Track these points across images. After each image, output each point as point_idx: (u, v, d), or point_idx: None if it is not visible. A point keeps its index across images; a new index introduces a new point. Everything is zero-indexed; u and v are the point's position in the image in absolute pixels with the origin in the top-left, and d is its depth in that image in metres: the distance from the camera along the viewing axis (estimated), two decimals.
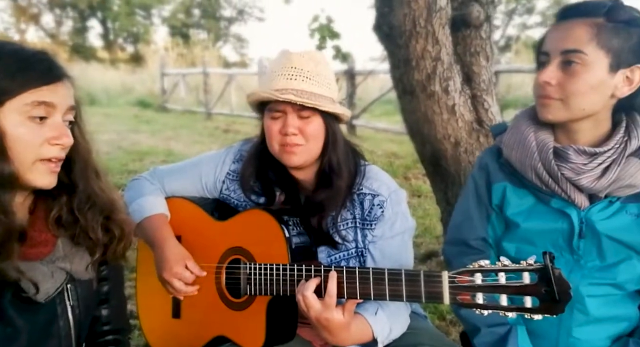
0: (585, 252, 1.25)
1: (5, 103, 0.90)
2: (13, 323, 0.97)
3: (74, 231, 1.05)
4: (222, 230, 1.43)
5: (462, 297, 1.09)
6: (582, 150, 1.20)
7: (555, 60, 1.18)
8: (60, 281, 1.02)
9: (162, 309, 1.51)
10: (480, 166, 1.40)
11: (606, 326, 1.28)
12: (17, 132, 0.91)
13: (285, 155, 1.36)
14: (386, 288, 1.16)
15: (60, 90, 0.96)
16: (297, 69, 1.33)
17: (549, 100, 1.20)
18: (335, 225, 1.40)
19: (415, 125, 2.21)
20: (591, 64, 1.14)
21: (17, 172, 0.92)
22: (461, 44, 2.13)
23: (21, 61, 0.93)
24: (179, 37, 23.07)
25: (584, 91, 1.16)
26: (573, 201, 1.23)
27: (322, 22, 3.26)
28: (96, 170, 1.08)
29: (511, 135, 1.30)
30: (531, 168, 1.24)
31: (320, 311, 1.18)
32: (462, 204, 1.44)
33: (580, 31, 1.14)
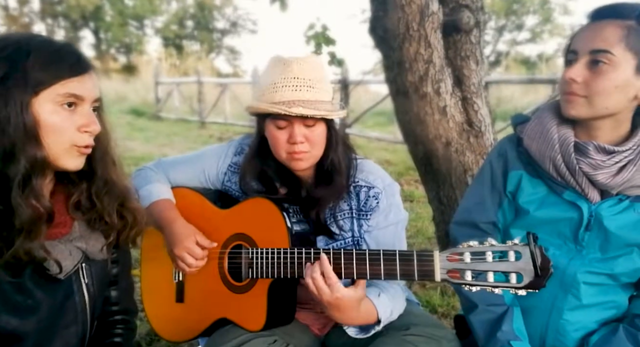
0: (589, 244, 1.31)
1: (40, 93, 0.95)
2: (33, 296, 1.03)
3: (91, 215, 1.10)
4: (225, 217, 1.49)
5: (452, 274, 1.16)
6: (602, 147, 1.24)
7: (584, 58, 1.21)
8: (77, 259, 1.08)
9: (165, 294, 1.57)
10: (500, 153, 1.43)
11: (596, 311, 1.34)
12: (51, 120, 0.97)
13: (293, 162, 1.41)
14: (381, 268, 1.22)
15: (88, 81, 1.02)
16: (299, 79, 1.37)
17: (573, 96, 1.23)
18: (333, 216, 1.47)
19: (408, 126, 2.30)
20: (618, 65, 1.17)
21: (49, 158, 0.98)
22: (452, 48, 2.22)
23: (52, 53, 0.98)
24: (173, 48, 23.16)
25: (609, 91, 1.19)
26: (586, 195, 1.28)
27: (318, 30, 3.35)
28: (113, 159, 1.14)
29: (534, 126, 1.33)
30: (550, 159, 1.28)
31: (329, 293, 1.23)
32: (475, 187, 1.48)
33: (610, 32, 1.17)
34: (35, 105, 0.95)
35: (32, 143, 0.95)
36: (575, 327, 1.34)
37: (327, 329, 1.59)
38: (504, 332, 1.31)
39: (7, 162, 0.94)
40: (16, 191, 0.94)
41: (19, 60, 0.94)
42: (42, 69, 0.95)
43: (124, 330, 1.27)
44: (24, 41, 0.97)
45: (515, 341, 1.30)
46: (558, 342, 1.36)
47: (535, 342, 1.35)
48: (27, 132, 0.94)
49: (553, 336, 1.36)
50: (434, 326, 1.45)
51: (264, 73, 1.44)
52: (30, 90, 0.94)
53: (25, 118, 0.94)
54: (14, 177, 0.94)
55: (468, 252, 1.14)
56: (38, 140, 0.96)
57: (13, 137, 0.93)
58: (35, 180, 0.96)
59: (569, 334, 1.35)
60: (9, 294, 0.99)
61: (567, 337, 1.35)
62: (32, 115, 0.95)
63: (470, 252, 1.14)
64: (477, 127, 2.28)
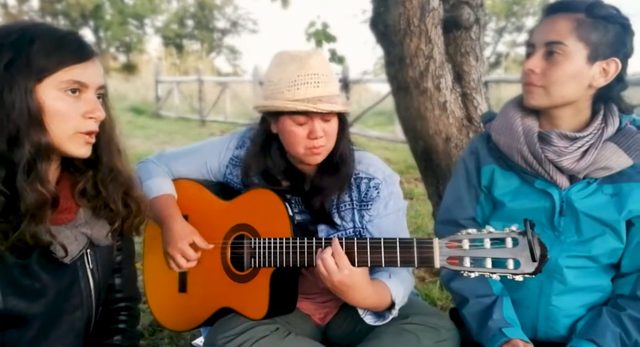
0: (565, 229, 1.35)
1: (44, 80, 0.97)
2: (40, 280, 1.05)
3: (96, 202, 1.12)
4: (227, 208, 1.51)
5: (451, 261, 1.18)
6: (564, 134, 1.30)
7: (540, 50, 1.28)
8: (82, 244, 1.10)
9: (168, 284, 1.58)
10: (471, 150, 1.49)
11: (582, 296, 1.38)
12: (56, 106, 0.98)
13: (311, 157, 1.43)
14: (382, 255, 1.25)
15: (92, 68, 1.03)
16: (318, 75, 1.38)
17: (532, 87, 1.30)
18: (336, 206, 1.49)
19: (409, 121, 2.32)
20: (571, 55, 1.25)
21: (54, 143, 1.00)
22: (452, 44, 2.24)
23: (56, 40, 0.99)
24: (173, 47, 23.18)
25: (564, 80, 1.26)
26: (555, 182, 1.33)
27: (319, 28, 3.38)
28: (118, 147, 1.15)
29: (500, 121, 1.40)
30: (517, 151, 1.34)
31: (337, 271, 1.25)
32: (452, 186, 1.54)
33: (562, 25, 1.25)
34: (39, 92, 0.97)
35: (36, 128, 0.97)
36: (564, 313, 1.38)
37: (327, 319, 1.61)
38: (495, 321, 1.34)
39: (12, 147, 0.95)
40: (21, 175, 0.96)
41: (23, 47, 0.96)
42: (46, 56, 0.97)
43: (128, 317, 1.29)
44: (28, 29, 0.99)
45: (506, 328, 1.33)
46: (549, 329, 1.39)
47: (528, 331, 1.37)
48: (31, 117, 0.96)
49: (544, 323, 1.39)
50: (433, 315, 1.47)
51: (274, 70, 1.44)
52: (34, 77, 0.96)
53: (29, 104, 0.95)
54: (19, 162, 0.95)
55: (467, 239, 1.17)
56: (42, 125, 0.97)
57: (18, 122, 0.95)
58: (40, 165, 0.98)
59: (559, 320, 1.38)
60: (17, 277, 1.01)
61: (558, 323, 1.38)
62: (36, 101, 0.96)
63: (468, 239, 1.17)
64: (477, 122, 2.30)
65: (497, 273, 1.14)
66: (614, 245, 1.34)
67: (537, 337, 1.39)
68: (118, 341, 1.24)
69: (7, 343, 1.03)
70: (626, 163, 1.30)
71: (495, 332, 1.33)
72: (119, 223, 1.15)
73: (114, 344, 1.23)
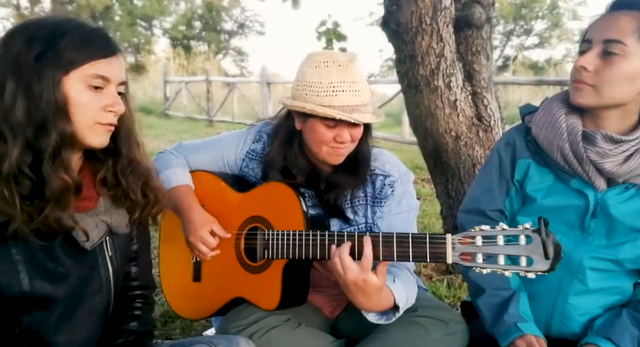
0: (595, 231, 1.33)
1: (70, 72, 1.00)
2: (64, 264, 1.08)
3: (116, 192, 1.15)
4: (242, 200, 1.53)
5: (463, 257, 1.18)
6: (610, 136, 1.25)
7: (597, 48, 1.23)
8: (102, 232, 1.13)
9: (183, 273, 1.61)
10: (508, 142, 1.45)
11: (600, 296, 1.37)
12: (80, 98, 1.02)
13: (333, 158, 1.45)
14: (394, 250, 1.25)
15: (115, 63, 1.07)
16: (356, 83, 1.40)
17: (582, 84, 1.25)
18: (350, 201, 1.51)
19: (418, 119, 2.33)
20: (630, 56, 1.19)
21: (77, 133, 1.03)
22: (463, 43, 2.26)
23: (84, 35, 1.03)
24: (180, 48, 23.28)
25: (618, 80, 1.21)
26: (592, 183, 1.30)
27: (329, 27, 3.40)
28: (137, 140, 1.18)
29: (543, 115, 1.35)
30: (558, 148, 1.30)
31: (358, 273, 1.23)
32: (483, 176, 1.50)
33: (625, 23, 1.19)
34: (65, 83, 1.00)
35: (62, 118, 1.00)
36: (580, 312, 1.37)
37: (337, 312, 1.63)
38: (511, 315, 1.33)
39: (40, 134, 0.99)
40: (47, 162, 0.99)
41: (54, 40, 0.99)
42: (74, 50, 1.01)
43: (143, 304, 1.32)
44: (59, 23, 1.03)
45: (521, 323, 1.32)
46: (563, 327, 1.39)
47: (541, 327, 1.37)
48: (57, 107, 0.99)
49: (559, 320, 1.39)
50: (442, 309, 1.48)
51: (310, 71, 1.43)
52: (62, 69, 1.00)
53: (56, 95, 0.99)
54: (46, 149, 0.99)
55: (479, 236, 1.16)
56: (67, 116, 1.01)
57: (45, 111, 0.98)
58: (64, 153, 1.02)
59: (574, 319, 1.37)
60: (43, 261, 1.05)
61: (572, 321, 1.38)
62: (63, 92, 1.00)
63: (481, 235, 1.16)
64: (487, 121, 2.32)
65: (509, 270, 1.14)
66: None
67: (550, 334, 1.39)
68: (134, 327, 1.27)
69: (33, 324, 1.06)
70: None
71: (510, 327, 1.32)
72: (139, 212, 1.18)
73: (130, 329, 1.26)
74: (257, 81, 11.44)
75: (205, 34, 27.45)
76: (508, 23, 21.09)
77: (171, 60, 17.65)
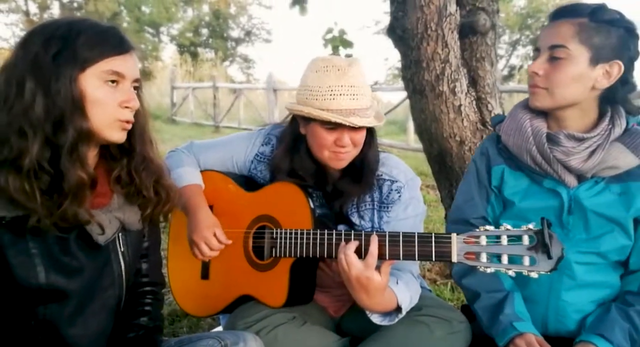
0: (574, 227, 1.39)
1: (87, 70, 1.04)
2: (78, 259, 1.12)
3: (130, 189, 1.19)
4: (251, 199, 1.56)
5: (467, 256, 1.21)
6: (572, 135, 1.34)
7: (544, 54, 1.33)
8: (116, 228, 1.17)
9: (191, 271, 1.64)
10: (482, 152, 1.53)
11: (591, 291, 1.41)
12: (96, 94, 1.06)
13: (335, 162, 1.48)
14: (400, 248, 1.28)
15: (130, 60, 1.11)
16: (355, 88, 1.41)
17: (536, 89, 1.35)
18: (356, 206, 1.54)
19: (423, 124, 2.36)
20: (574, 58, 1.29)
21: (94, 129, 1.07)
22: (468, 49, 2.29)
23: (99, 34, 1.07)
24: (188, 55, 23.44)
25: (566, 82, 1.31)
26: (563, 181, 1.37)
27: (336, 35, 3.44)
28: (150, 138, 1.22)
29: (509, 123, 1.44)
30: (526, 151, 1.38)
31: (362, 269, 1.26)
32: (463, 186, 1.57)
33: (566, 29, 1.30)
34: (82, 81, 1.04)
35: (79, 114, 1.04)
36: (574, 308, 1.41)
37: (342, 312, 1.65)
38: (506, 315, 1.38)
39: (58, 130, 1.03)
40: (65, 157, 1.03)
41: (70, 39, 1.04)
42: (90, 48, 1.05)
43: (153, 300, 1.35)
44: (75, 23, 1.07)
45: (517, 322, 1.36)
46: (560, 324, 1.42)
47: (538, 326, 1.40)
48: (74, 104, 1.03)
49: (554, 318, 1.42)
50: (445, 308, 1.50)
51: (312, 75, 1.46)
52: (78, 66, 1.04)
53: (73, 91, 1.03)
54: (64, 145, 1.03)
55: (484, 236, 1.20)
56: (84, 112, 1.05)
57: (63, 108, 1.03)
58: (81, 148, 1.06)
59: (569, 315, 1.41)
60: (58, 255, 1.08)
61: (568, 318, 1.41)
62: (79, 89, 1.04)
63: (486, 235, 1.20)
64: (491, 127, 2.34)
65: (512, 269, 1.17)
66: (623, 242, 1.37)
67: (547, 332, 1.42)
68: (144, 322, 1.30)
69: (48, 315, 1.10)
70: (633, 163, 1.34)
71: (506, 326, 1.36)
72: (150, 209, 1.22)
73: (140, 324, 1.29)
74: (264, 88, 11.51)
75: (212, 41, 27.61)
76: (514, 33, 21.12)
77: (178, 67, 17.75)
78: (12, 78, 1.03)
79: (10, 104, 1.02)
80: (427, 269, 2.89)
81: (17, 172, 1.00)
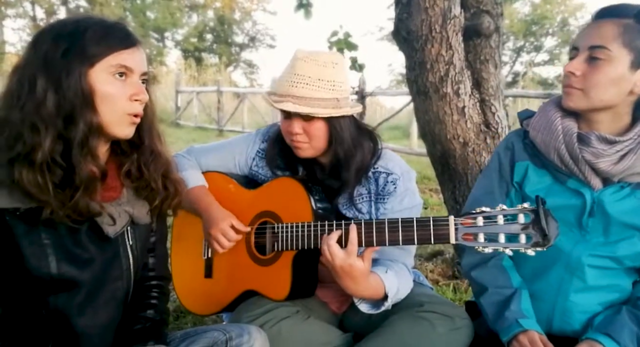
0: (592, 229, 1.37)
1: (95, 64, 1.07)
2: (89, 250, 1.15)
3: (139, 183, 1.22)
4: (252, 197, 1.59)
5: (465, 237, 1.24)
6: (603, 137, 1.31)
7: (583, 54, 1.29)
8: (125, 221, 1.19)
9: (194, 271, 1.66)
10: (507, 146, 1.50)
11: (600, 294, 1.40)
12: (105, 89, 1.08)
13: (295, 150, 1.54)
14: (399, 234, 1.30)
15: (137, 54, 1.13)
16: (298, 76, 1.45)
17: (571, 89, 1.31)
18: (351, 200, 1.56)
19: (427, 125, 2.38)
20: (614, 60, 1.25)
21: (104, 124, 1.10)
22: (472, 52, 2.31)
23: (105, 29, 1.10)
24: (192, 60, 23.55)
25: (604, 84, 1.27)
26: (588, 182, 1.34)
27: (340, 38, 3.47)
28: (158, 132, 1.25)
29: (539, 119, 1.41)
30: (554, 149, 1.35)
31: (344, 258, 1.31)
32: (484, 178, 1.55)
33: (608, 29, 1.26)
34: (91, 76, 1.07)
35: (89, 109, 1.07)
36: (580, 309, 1.40)
37: (344, 308, 1.66)
38: (512, 311, 1.37)
39: (69, 125, 1.06)
40: (76, 150, 1.06)
41: (77, 36, 1.07)
42: (97, 43, 1.07)
43: (159, 294, 1.37)
44: (81, 20, 1.10)
45: (522, 319, 1.36)
46: (565, 324, 1.42)
47: (543, 324, 1.40)
48: (84, 98, 1.06)
49: (559, 317, 1.42)
50: (448, 305, 1.52)
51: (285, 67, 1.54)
52: (87, 62, 1.06)
53: (83, 86, 1.06)
54: (75, 139, 1.06)
55: (481, 216, 1.22)
56: (94, 106, 1.08)
57: (73, 103, 1.05)
58: (92, 142, 1.08)
59: (575, 316, 1.40)
60: (69, 246, 1.11)
61: (573, 318, 1.41)
62: (89, 84, 1.07)
63: (483, 216, 1.22)
64: (494, 128, 2.36)
65: (509, 248, 1.19)
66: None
67: (551, 331, 1.41)
68: (151, 315, 1.31)
69: (59, 305, 1.12)
70: None
71: (511, 322, 1.35)
72: (158, 201, 1.24)
73: (147, 316, 1.30)
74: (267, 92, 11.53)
75: (217, 47, 27.74)
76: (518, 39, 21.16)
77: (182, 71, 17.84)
78: (24, 77, 1.06)
79: (22, 102, 1.05)
80: (430, 270, 2.90)
81: (31, 166, 1.03)
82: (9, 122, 1.05)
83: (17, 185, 1.03)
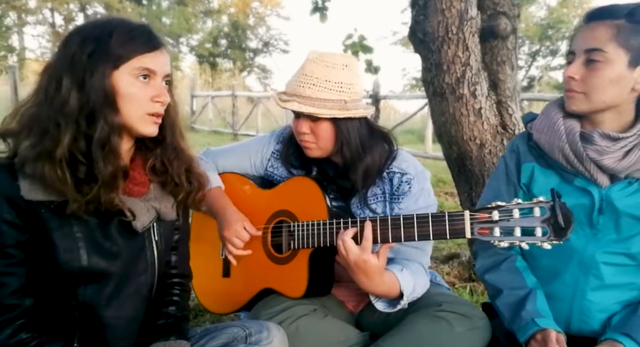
0: (604, 227, 1.36)
1: (120, 67, 1.11)
2: (117, 244, 1.18)
3: (165, 178, 1.26)
4: (268, 197, 1.62)
5: (481, 231, 1.24)
6: (607, 134, 1.31)
7: (580, 58, 1.30)
8: (152, 216, 1.23)
9: (213, 270, 1.69)
10: (512, 149, 1.52)
11: (618, 292, 1.38)
12: (129, 90, 1.12)
13: (303, 149, 1.56)
14: (415, 230, 1.31)
15: (160, 57, 1.16)
16: (307, 76, 1.47)
17: (573, 93, 1.33)
18: (364, 201, 1.57)
19: (443, 127, 2.38)
20: (611, 61, 1.26)
21: (126, 123, 1.13)
22: (489, 53, 2.31)
23: (130, 32, 1.13)
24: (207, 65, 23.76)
25: (604, 85, 1.28)
26: (595, 180, 1.34)
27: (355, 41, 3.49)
28: (180, 130, 1.29)
29: (542, 120, 1.41)
30: (559, 149, 1.36)
31: (358, 253, 1.33)
32: (492, 182, 1.57)
33: (601, 32, 1.27)
34: (115, 77, 1.10)
35: (110, 108, 1.10)
36: (599, 308, 1.39)
37: (360, 307, 1.67)
38: (528, 311, 1.37)
39: (91, 124, 1.09)
40: (97, 148, 1.10)
41: (103, 39, 1.10)
42: (122, 46, 1.11)
43: (181, 291, 1.39)
44: (107, 23, 1.14)
45: (538, 318, 1.35)
46: (583, 324, 1.41)
47: (561, 324, 1.38)
48: (106, 98, 1.10)
49: (578, 317, 1.41)
50: (466, 305, 1.51)
51: None
52: (111, 64, 1.10)
53: (105, 87, 1.09)
54: (96, 137, 1.09)
55: (496, 211, 1.23)
56: (115, 106, 1.11)
57: (95, 102, 1.09)
58: (113, 140, 1.11)
59: (594, 315, 1.39)
60: (99, 240, 1.15)
61: (592, 317, 1.39)
62: (112, 84, 1.10)
63: (498, 210, 1.23)
64: (511, 130, 2.35)
65: (525, 241, 1.19)
66: None
67: (570, 331, 1.40)
68: (173, 311, 1.34)
69: (88, 296, 1.16)
70: None
71: (527, 322, 1.35)
72: (183, 195, 1.28)
73: (169, 312, 1.33)
74: None
75: (231, 52, 27.96)
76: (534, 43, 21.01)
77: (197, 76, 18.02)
78: (53, 76, 1.10)
79: (50, 99, 1.09)
80: (446, 272, 2.90)
81: (52, 161, 1.06)
82: (38, 118, 1.09)
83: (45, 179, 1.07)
